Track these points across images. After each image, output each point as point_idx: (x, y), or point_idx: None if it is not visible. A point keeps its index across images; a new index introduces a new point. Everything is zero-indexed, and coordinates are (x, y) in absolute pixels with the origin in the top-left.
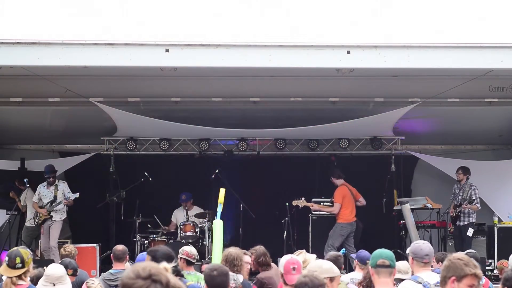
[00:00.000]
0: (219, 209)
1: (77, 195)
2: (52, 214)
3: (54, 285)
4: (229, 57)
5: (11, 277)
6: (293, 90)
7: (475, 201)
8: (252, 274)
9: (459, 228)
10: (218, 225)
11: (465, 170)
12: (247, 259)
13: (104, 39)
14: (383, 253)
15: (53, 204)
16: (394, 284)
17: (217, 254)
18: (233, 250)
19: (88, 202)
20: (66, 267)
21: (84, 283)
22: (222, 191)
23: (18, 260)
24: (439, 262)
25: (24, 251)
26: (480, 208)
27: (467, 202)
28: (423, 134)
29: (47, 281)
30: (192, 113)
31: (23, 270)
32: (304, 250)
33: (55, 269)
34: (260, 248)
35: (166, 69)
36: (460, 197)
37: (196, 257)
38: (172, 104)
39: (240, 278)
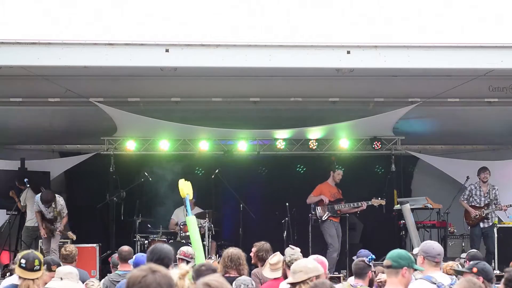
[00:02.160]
0: (187, 202)
1: (73, 237)
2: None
3: (61, 279)
4: (229, 57)
5: (31, 280)
6: (293, 90)
7: (499, 201)
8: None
9: (481, 230)
10: (192, 221)
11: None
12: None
13: (104, 39)
14: (389, 254)
15: (54, 224)
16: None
17: (199, 251)
18: (235, 250)
19: (88, 202)
20: (49, 263)
21: (84, 284)
22: (183, 183)
23: (36, 262)
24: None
25: (39, 254)
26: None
27: (499, 203)
28: (423, 134)
29: (56, 276)
30: (192, 113)
31: (40, 273)
32: (278, 253)
33: (65, 267)
34: (265, 244)
35: (166, 69)
36: (483, 198)
37: (194, 257)
38: (172, 104)
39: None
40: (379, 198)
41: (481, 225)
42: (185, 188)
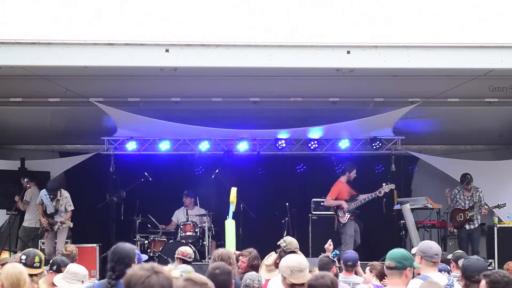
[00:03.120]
0: (231, 208)
1: (71, 224)
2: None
3: (82, 282)
4: (229, 57)
5: (30, 276)
6: (293, 90)
7: (483, 203)
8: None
9: (467, 231)
10: (230, 224)
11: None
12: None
13: (104, 39)
14: (392, 254)
15: (54, 217)
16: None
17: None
18: (225, 250)
19: (88, 202)
20: (59, 265)
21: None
22: (234, 190)
23: (37, 259)
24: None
25: (41, 253)
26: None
27: (483, 205)
28: (423, 134)
29: (74, 278)
30: (192, 113)
31: (40, 270)
32: (273, 252)
33: (80, 268)
34: (254, 252)
35: (166, 69)
36: (467, 201)
37: (192, 256)
38: (172, 104)
39: (263, 279)
40: (388, 183)
41: (467, 227)
42: (234, 198)
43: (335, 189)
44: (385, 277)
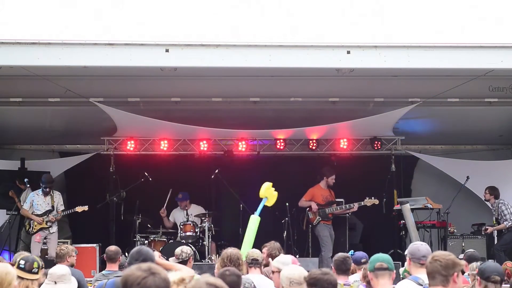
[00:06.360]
0: (262, 203)
1: (85, 207)
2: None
3: (55, 283)
4: (229, 57)
5: (30, 280)
6: (293, 90)
7: (505, 217)
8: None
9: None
10: (253, 220)
11: (492, 190)
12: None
13: (104, 39)
14: (381, 257)
15: (51, 215)
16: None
17: (246, 249)
18: (234, 250)
19: (88, 202)
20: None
21: (92, 286)
22: (265, 185)
23: (35, 265)
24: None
25: (38, 258)
26: (508, 225)
27: (503, 220)
28: (423, 134)
29: (49, 279)
30: (192, 113)
31: (37, 276)
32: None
33: (57, 268)
34: (275, 243)
35: (166, 69)
36: (494, 214)
37: (186, 256)
38: (172, 104)
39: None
40: (372, 198)
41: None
42: (267, 192)
43: (310, 191)
44: None
